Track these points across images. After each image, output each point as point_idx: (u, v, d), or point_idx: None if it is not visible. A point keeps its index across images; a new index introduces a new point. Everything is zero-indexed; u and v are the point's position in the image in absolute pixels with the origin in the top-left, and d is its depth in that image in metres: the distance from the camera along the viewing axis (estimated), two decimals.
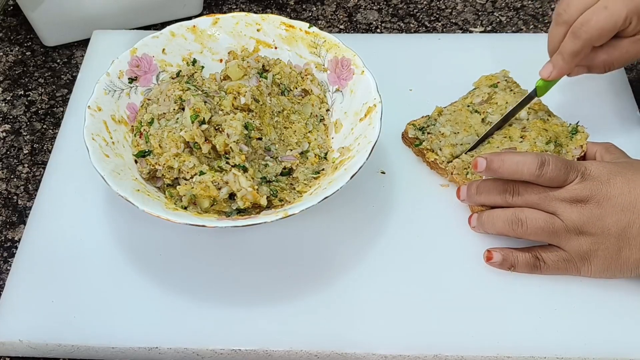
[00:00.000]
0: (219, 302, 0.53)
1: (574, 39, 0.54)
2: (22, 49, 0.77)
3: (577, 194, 0.50)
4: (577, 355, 0.50)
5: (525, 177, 0.50)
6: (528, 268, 0.53)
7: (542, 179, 0.50)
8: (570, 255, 0.51)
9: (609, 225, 0.49)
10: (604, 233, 0.49)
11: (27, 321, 0.52)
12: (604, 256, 0.50)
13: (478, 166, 0.52)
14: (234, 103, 0.56)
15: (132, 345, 0.51)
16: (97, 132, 0.55)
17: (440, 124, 0.60)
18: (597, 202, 0.49)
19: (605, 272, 0.51)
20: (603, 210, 0.49)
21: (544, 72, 0.57)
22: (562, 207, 0.50)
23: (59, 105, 0.72)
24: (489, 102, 0.61)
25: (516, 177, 0.51)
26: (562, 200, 0.50)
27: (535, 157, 0.50)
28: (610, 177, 0.50)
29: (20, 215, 0.62)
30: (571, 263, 0.51)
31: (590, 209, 0.49)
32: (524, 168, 0.50)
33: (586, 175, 0.50)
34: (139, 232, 0.57)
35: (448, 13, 0.80)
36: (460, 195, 0.55)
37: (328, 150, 0.59)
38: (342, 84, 0.60)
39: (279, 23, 0.62)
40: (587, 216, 0.49)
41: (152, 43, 0.61)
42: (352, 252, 0.56)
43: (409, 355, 0.50)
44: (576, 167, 0.50)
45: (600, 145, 0.57)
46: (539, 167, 0.49)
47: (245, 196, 0.52)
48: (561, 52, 0.55)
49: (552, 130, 0.59)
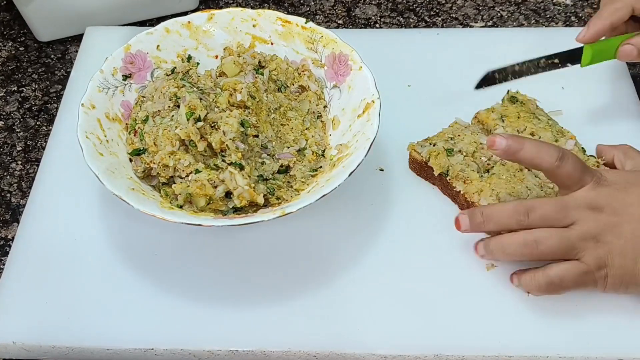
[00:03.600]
0: (215, 303, 0.52)
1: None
2: (16, 45, 0.77)
3: (592, 201, 0.48)
4: (579, 354, 0.49)
5: (544, 165, 0.48)
6: (544, 290, 0.50)
7: (559, 171, 0.48)
8: (587, 266, 0.49)
9: (625, 233, 0.48)
10: (620, 241, 0.48)
11: (21, 323, 0.51)
12: (619, 266, 0.48)
13: (496, 144, 0.48)
14: (229, 100, 0.55)
15: (128, 346, 0.50)
16: (91, 130, 0.54)
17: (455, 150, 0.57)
18: (614, 209, 0.48)
19: (620, 284, 0.49)
20: (620, 219, 0.48)
21: (579, 34, 0.54)
22: (579, 215, 0.48)
23: (52, 101, 0.71)
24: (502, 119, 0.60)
25: (534, 163, 0.48)
26: (579, 207, 0.48)
27: (556, 148, 0.48)
28: (628, 186, 0.48)
29: (13, 213, 0.62)
30: (589, 275, 0.49)
31: (607, 217, 0.48)
32: (545, 155, 0.48)
33: (602, 181, 0.48)
34: (134, 232, 0.56)
35: (448, 8, 0.79)
36: (462, 226, 0.50)
37: (326, 148, 0.59)
38: (340, 80, 0.60)
39: (275, 18, 0.62)
40: (603, 223, 0.48)
41: (146, 39, 0.60)
42: (350, 250, 0.55)
43: (409, 355, 0.50)
44: (592, 172, 0.49)
45: (618, 149, 0.55)
46: (559, 159, 0.47)
47: (241, 194, 0.52)
48: (600, 10, 0.52)
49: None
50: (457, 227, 0.50)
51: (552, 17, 0.78)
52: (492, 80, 0.55)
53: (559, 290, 0.49)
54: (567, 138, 0.57)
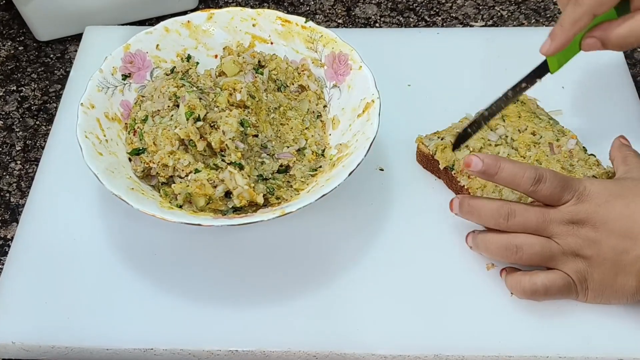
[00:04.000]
0: (215, 302, 0.52)
1: (575, 6, 0.50)
2: (15, 44, 0.76)
3: (572, 217, 0.48)
4: (579, 354, 0.49)
5: (521, 189, 0.49)
6: (528, 295, 0.50)
7: (536, 195, 0.49)
8: (569, 277, 0.49)
9: (605, 250, 0.48)
10: (599, 257, 0.48)
11: (20, 323, 0.51)
12: (599, 280, 0.49)
13: (472, 165, 0.49)
14: (229, 99, 0.55)
15: (127, 346, 0.50)
16: (90, 130, 0.54)
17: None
18: (593, 225, 0.48)
19: (601, 297, 0.50)
20: (599, 234, 0.48)
21: (543, 47, 0.52)
22: (559, 229, 0.49)
23: (52, 101, 0.71)
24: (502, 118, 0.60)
25: (511, 187, 0.50)
26: (559, 222, 0.49)
27: (533, 171, 0.48)
28: (610, 199, 0.48)
29: (13, 213, 0.62)
30: (573, 287, 0.49)
31: (586, 232, 0.48)
32: (520, 181, 0.48)
33: (584, 196, 0.48)
34: (133, 232, 0.56)
35: (448, 7, 0.79)
36: (452, 209, 0.52)
37: (325, 147, 0.58)
38: (340, 79, 0.60)
39: (274, 18, 0.62)
40: (582, 239, 0.48)
41: (145, 39, 0.60)
42: (350, 250, 0.55)
43: (409, 355, 0.50)
44: (573, 187, 0.49)
45: (620, 153, 0.54)
46: (534, 184, 0.48)
47: (241, 194, 0.51)
48: (560, 21, 0.51)
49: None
50: (450, 209, 0.52)
51: (552, 17, 0.77)
52: (467, 136, 0.55)
53: (541, 298, 0.50)
54: (568, 137, 0.57)
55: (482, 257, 0.54)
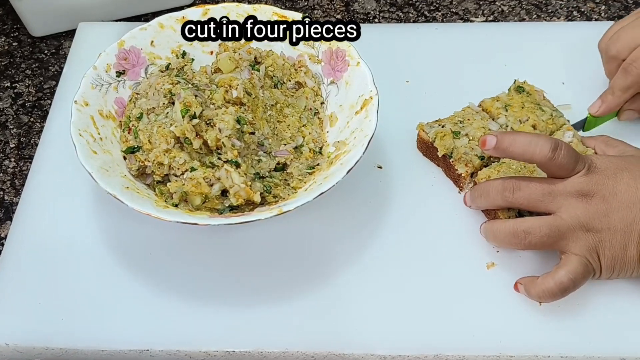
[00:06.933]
0: (212, 303, 0.52)
1: (625, 75, 0.55)
2: (9, 40, 0.76)
3: (583, 187, 0.48)
4: (581, 353, 0.49)
5: (537, 158, 0.48)
6: (560, 295, 0.49)
7: (553, 163, 0.48)
8: (584, 258, 0.49)
9: (614, 222, 0.48)
10: (610, 229, 0.48)
11: (14, 324, 0.51)
12: (610, 254, 0.49)
13: (487, 143, 0.49)
14: (225, 96, 0.55)
15: (123, 348, 0.50)
16: (84, 128, 0.53)
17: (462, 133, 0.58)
18: (603, 197, 0.48)
19: (612, 272, 0.49)
20: (609, 206, 0.48)
21: (593, 107, 0.58)
22: (567, 202, 0.48)
23: (46, 97, 0.70)
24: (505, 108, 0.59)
25: (526, 158, 0.49)
26: (567, 194, 0.48)
27: (549, 139, 0.48)
28: (617, 172, 0.48)
29: (6, 212, 0.61)
30: (589, 267, 0.49)
31: (596, 204, 0.48)
32: (537, 148, 0.48)
33: (592, 168, 0.49)
34: (128, 231, 0.55)
35: (448, 2, 0.78)
36: (467, 202, 0.54)
37: (323, 145, 0.58)
38: (337, 76, 0.59)
39: (271, 14, 0.61)
40: (592, 212, 0.48)
41: (140, 35, 0.60)
42: (349, 249, 0.54)
43: (409, 355, 0.49)
44: (583, 159, 0.49)
45: (597, 139, 0.56)
46: (552, 150, 0.47)
47: (238, 193, 0.51)
48: (611, 87, 0.56)
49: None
50: (464, 203, 0.55)
51: (554, 12, 0.77)
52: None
53: (571, 292, 0.49)
54: (564, 130, 0.57)
55: (482, 256, 0.53)
